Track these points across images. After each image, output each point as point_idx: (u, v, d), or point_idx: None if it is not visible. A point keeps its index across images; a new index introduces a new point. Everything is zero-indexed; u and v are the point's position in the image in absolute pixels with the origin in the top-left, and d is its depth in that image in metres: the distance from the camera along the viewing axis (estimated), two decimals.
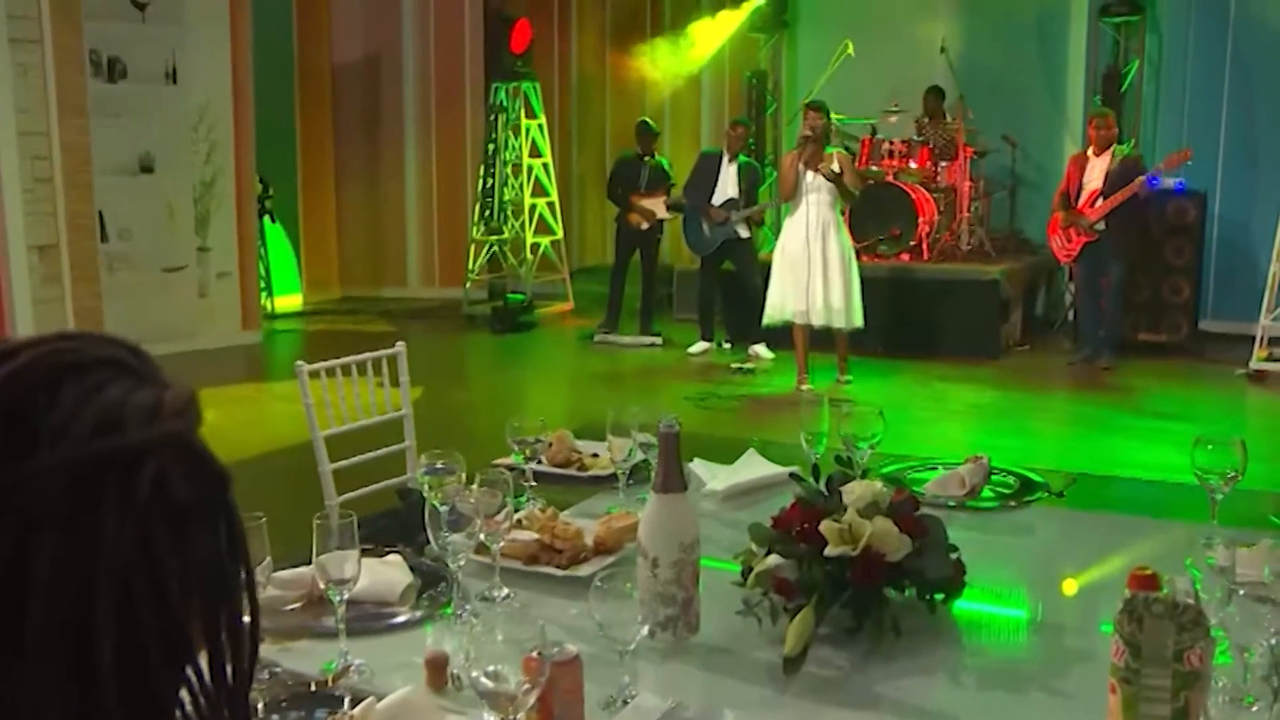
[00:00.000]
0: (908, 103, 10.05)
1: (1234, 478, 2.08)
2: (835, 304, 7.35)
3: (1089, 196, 8.11)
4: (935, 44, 9.97)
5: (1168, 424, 6.56)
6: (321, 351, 3.68)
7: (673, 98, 12.19)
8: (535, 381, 8.34)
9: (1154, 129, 10.05)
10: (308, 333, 10.47)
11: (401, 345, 3.42)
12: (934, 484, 2.49)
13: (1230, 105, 9.69)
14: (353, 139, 12.60)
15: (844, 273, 7.37)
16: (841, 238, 7.47)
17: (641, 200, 9.46)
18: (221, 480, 0.81)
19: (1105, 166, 8.06)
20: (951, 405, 7.32)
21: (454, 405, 7.29)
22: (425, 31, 12.52)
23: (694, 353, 9.06)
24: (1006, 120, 10.07)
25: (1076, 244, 8.21)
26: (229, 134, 9.61)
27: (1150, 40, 9.99)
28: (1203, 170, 9.46)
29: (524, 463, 2.43)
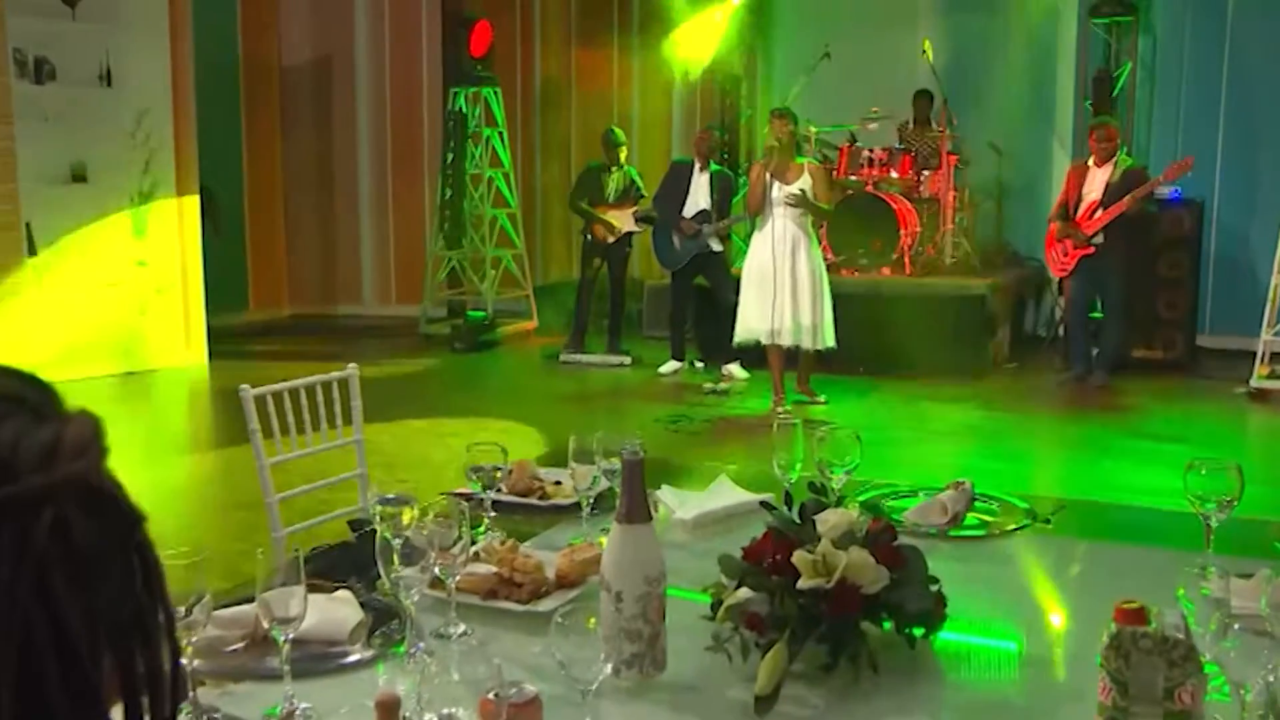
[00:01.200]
0: (888, 109, 10.13)
1: (1230, 503, 2.10)
2: (804, 321, 7.34)
3: (1088, 208, 8.20)
4: (917, 47, 10.04)
5: (1164, 445, 6.63)
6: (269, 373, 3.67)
7: (642, 104, 12.24)
8: (496, 404, 8.32)
9: (1148, 135, 10.13)
10: (254, 353, 10.42)
11: (354, 367, 3.42)
12: (914, 512, 2.51)
13: (1228, 110, 9.77)
14: (302, 146, 12.57)
15: (814, 290, 7.36)
16: (812, 253, 7.45)
17: (608, 212, 9.49)
18: (130, 520, 0.80)
19: (1106, 178, 8.15)
20: (935, 426, 7.37)
21: (410, 430, 7.27)
22: (379, 32, 12.53)
23: (664, 373, 9.08)
24: (992, 127, 10.16)
25: (1073, 257, 8.29)
26: (169, 140, 9.56)
27: (1143, 41, 10.08)
28: (1200, 178, 9.47)
29: (482, 491, 2.43)
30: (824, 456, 2.30)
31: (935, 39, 10.24)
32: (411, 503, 2.02)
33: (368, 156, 12.71)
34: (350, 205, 12.75)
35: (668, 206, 8.97)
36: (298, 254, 12.65)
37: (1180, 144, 9.80)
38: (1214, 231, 9.69)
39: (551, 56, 12.66)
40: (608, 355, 9.62)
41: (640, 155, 11.82)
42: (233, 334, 10.76)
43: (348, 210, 12.76)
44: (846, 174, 9.99)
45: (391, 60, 12.53)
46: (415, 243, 12.34)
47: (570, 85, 12.59)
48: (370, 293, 12.87)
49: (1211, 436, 6.94)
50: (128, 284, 9.39)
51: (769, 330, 7.37)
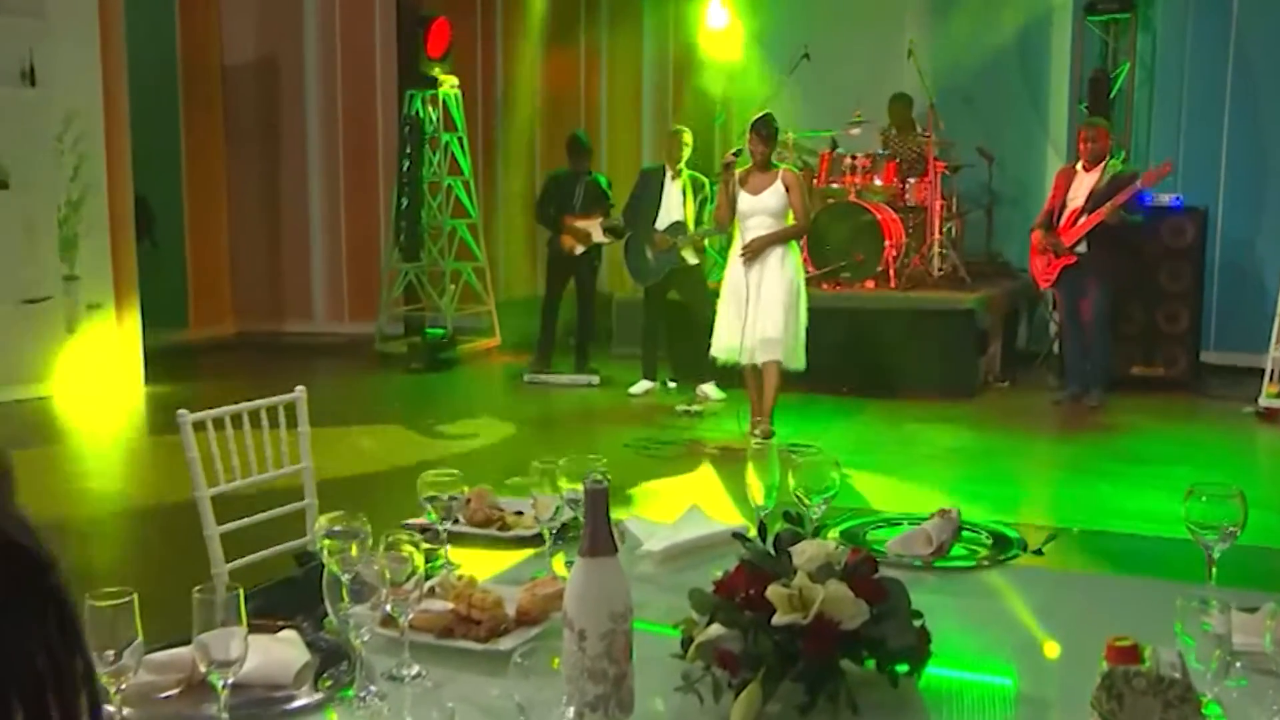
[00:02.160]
0: (872, 113, 10.19)
1: (1233, 532, 2.11)
2: (770, 332, 7.16)
3: (1070, 215, 8.25)
4: (902, 47, 10.12)
5: (1165, 469, 6.67)
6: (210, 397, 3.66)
7: (611, 107, 12.28)
8: (455, 428, 8.31)
9: (1147, 139, 10.19)
10: (195, 375, 10.36)
11: (301, 390, 3.41)
12: (897, 542, 2.52)
13: (1233, 111, 9.81)
14: (247, 152, 12.54)
15: (786, 307, 7.19)
16: (787, 268, 7.26)
17: (575, 222, 9.50)
18: (39, 565, 0.80)
19: (1093, 183, 8.18)
20: (922, 450, 7.41)
21: (362, 457, 7.25)
22: (329, 30, 12.52)
23: (635, 393, 9.09)
24: (982, 131, 10.24)
25: (1055, 267, 8.35)
26: (100, 145, 9.50)
27: (1142, 40, 10.16)
28: (1202, 184, 9.57)
29: (438, 522, 2.43)
30: (801, 483, 2.31)
31: (921, 38, 10.33)
32: (362, 535, 2.02)
33: (318, 163, 12.68)
34: (299, 215, 12.72)
35: (639, 217, 8.99)
36: (242, 267, 12.60)
37: (1182, 148, 9.84)
38: (1218, 240, 9.72)
39: (514, 57, 12.69)
40: (575, 375, 9.63)
41: (609, 161, 11.87)
42: (171, 354, 10.70)
43: (296, 221, 12.72)
44: (827, 181, 10.04)
45: (343, 60, 12.52)
46: (369, 255, 12.31)
47: (535, 87, 12.62)
48: (321, 309, 12.83)
49: (1216, 459, 6.97)
50: (55, 300, 9.32)
51: (739, 348, 7.30)
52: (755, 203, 7.26)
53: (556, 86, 12.49)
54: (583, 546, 1.77)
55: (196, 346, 11.59)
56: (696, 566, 2.40)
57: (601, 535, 1.76)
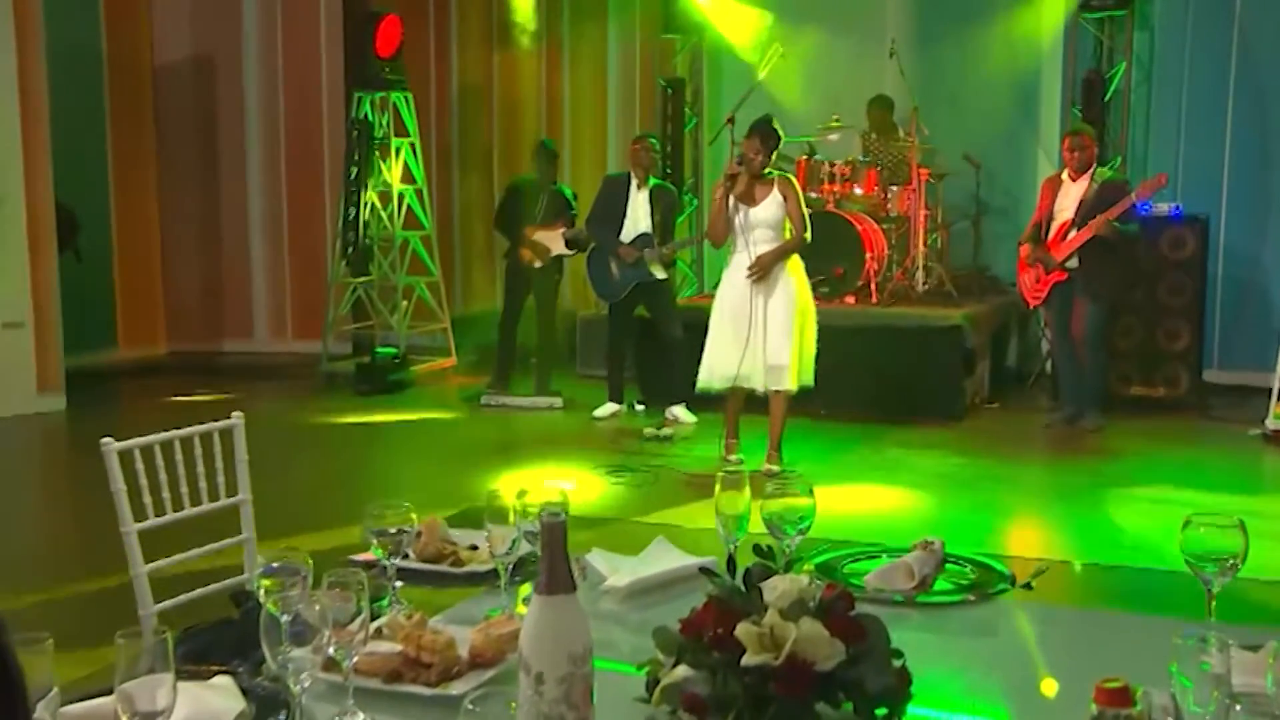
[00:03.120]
0: (851, 117, 10.24)
1: (1233, 565, 2.11)
2: (779, 362, 7.06)
3: (1060, 229, 8.31)
4: (883, 46, 10.18)
5: (1166, 496, 6.73)
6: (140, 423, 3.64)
7: (574, 112, 12.30)
8: (407, 455, 8.29)
9: (1145, 144, 10.24)
10: (124, 398, 10.30)
11: (239, 416, 3.40)
12: (876, 575, 2.53)
13: (1236, 114, 9.82)
14: (181, 158, 12.48)
15: (790, 328, 7.09)
16: (792, 287, 7.15)
17: (536, 234, 9.51)
18: None
19: (1081, 193, 8.24)
20: (906, 476, 7.43)
21: (306, 488, 7.21)
22: (270, 27, 12.50)
23: (601, 416, 9.10)
24: (969, 137, 10.29)
25: (1045, 284, 8.40)
26: (16, 150, 9.42)
27: (1139, 38, 10.20)
28: (1203, 192, 9.61)
29: (386, 558, 2.42)
30: (773, 513, 2.32)
31: (904, 36, 10.37)
32: (303, 572, 2.02)
33: (258, 170, 12.64)
34: (238, 226, 12.67)
35: (604, 229, 9.00)
36: (176, 282, 12.53)
37: (1181, 153, 9.89)
38: (1220, 252, 9.72)
39: (471, 57, 12.70)
40: (536, 397, 9.62)
41: (573, 169, 11.89)
42: (97, 376, 10.63)
43: (235, 231, 12.67)
44: (805, 190, 10.05)
45: (285, 59, 12.49)
46: (315, 269, 12.27)
47: (492, 90, 12.63)
48: (262, 327, 12.78)
49: (1220, 485, 6.98)
50: None
51: (735, 374, 7.12)
52: (756, 215, 7.12)
53: (516, 89, 12.50)
54: (539, 584, 1.78)
55: (125, 368, 11.51)
56: (663, 603, 2.41)
57: (559, 572, 1.76)
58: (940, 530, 2.75)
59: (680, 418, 8.69)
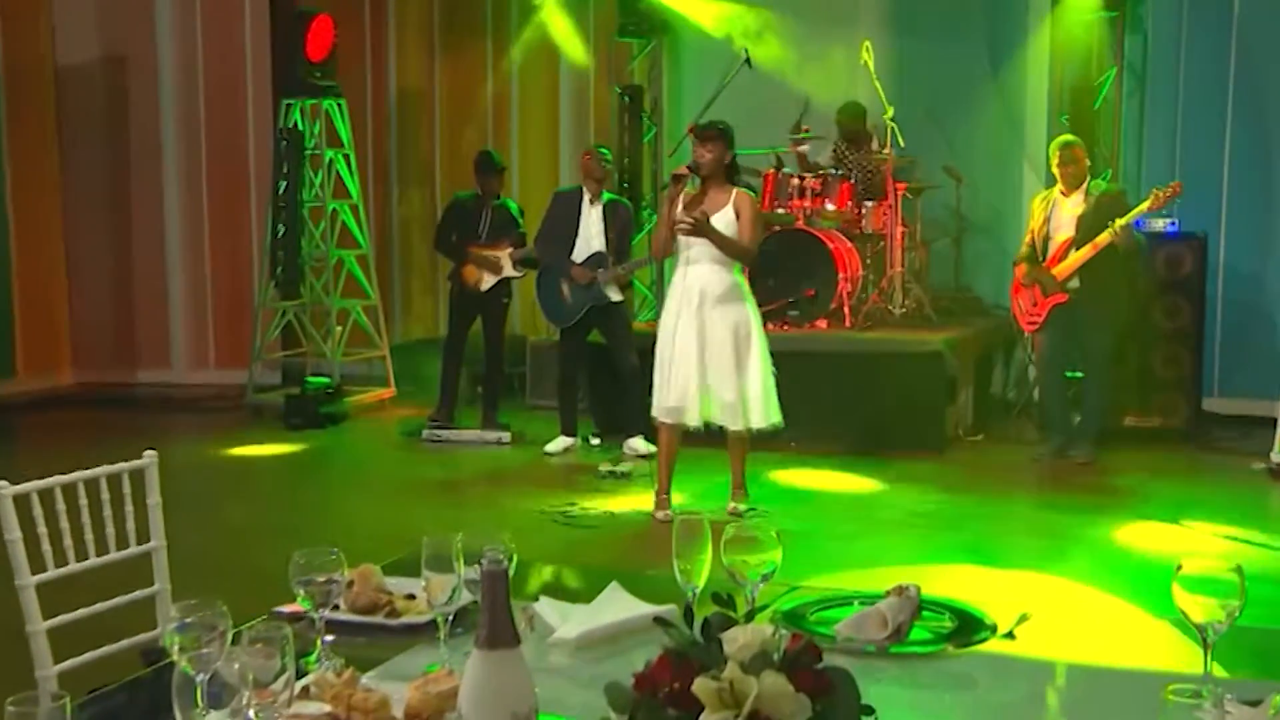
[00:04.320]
0: (822, 127, 10.32)
1: (1231, 612, 2.11)
2: (727, 396, 6.89)
3: (1059, 249, 8.35)
4: (855, 51, 10.23)
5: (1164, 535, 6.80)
6: (39, 463, 3.61)
7: (523, 122, 12.32)
8: (340, 495, 8.25)
9: (1138, 156, 10.32)
10: (22, 435, 10.20)
11: (152, 455, 3.38)
12: (847, 624, 2.54)
13: (1236, 123, 9.89)
14: (89, 170, 12.41)
15: (737, 355, 6.92)
16: (738, 306, 7.01)
17: (482, 253, 9.51)
18: None
19: (1078, 209, 8.30)
20: (882, 515, 7.45)
21: (226, 533, 7.16)
22: (189, 26, 12.45)
23: (552, 451, 9.10)
24: (949, 148, 10.39)
25: (1043, 307, 8.44)
26: None
27: (1131, 42, 10.28)
28: (1202, 207, 9.64)
29: (313, 609, 2.41)
30: (735, 557, 2.32)
31: (878, 40, 10.41)
32: (221, 626, 2.01)
33: (176, 184, 12.58)
34: (154, 244, 12.59)
35: (554, 248, 9.01)
36: (83, 306, 12.45)
37: (1178, 167, 9.94)
38: (1220, 272, 9.78)
39: (410, 61, 12.71)
40: (482, 431, 9.62)
41: (521, 183, 11.91)
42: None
43: (150, 250, 12.59)
44: (773, 206, 10.10)
45: (206, 63, 12.46)
46: (239, 292, 12.23)
47: (434, 97, 12.64)
48: (181, 355, 12.70)
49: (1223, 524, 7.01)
50: None
51: (674, 407, 6.95)
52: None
53: (460, 96, 12.52)
54: (479, 637, 1.78)
55: (24, 401, 11.39)
56: (617, 656, 2.41)
57: (500, 624, 1.77)
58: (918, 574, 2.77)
59: (639, 451, 8.70)
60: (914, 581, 2.65)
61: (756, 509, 7.10)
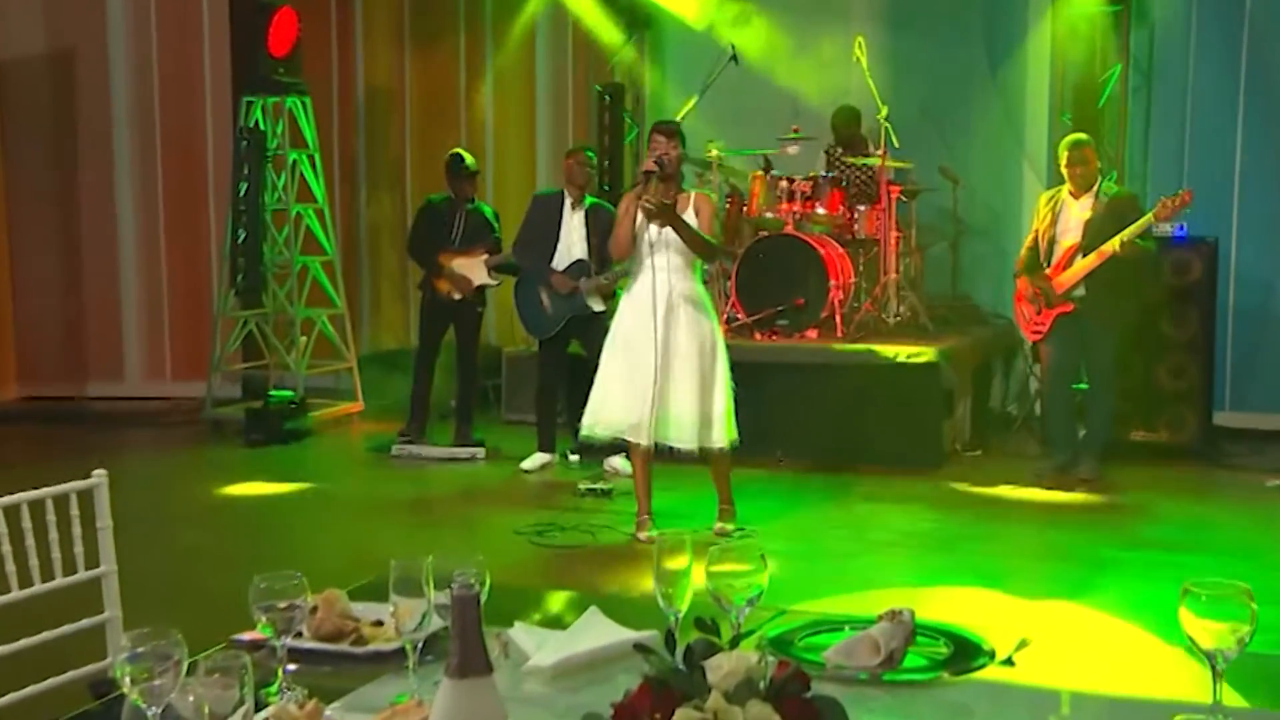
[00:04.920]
0: (812, 127, 10.33)
1: (1241, 638, 2.11)
2: (685, 415, 6.88)
3: (1064, 254, 8.31)
4: (848, 47, 10.26)
5: (1173, 556, 6.78)
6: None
7: (498, 121, 12.31)
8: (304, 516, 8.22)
9: (1144, 157, 10.34)
10: None
11: (102, 474, 3.36)
12: (837, 650, 2.54)
13: (1248, 122, 9.90)
14: (35, 171, 12.38)
15: (701, 370, 6.92)
16: (700, 318, 6.99)
17: (455, 260, 9.51)
18: None
19: (1086, 213, 8.27)
20: (874, 535, 7.45)
21: (181, 556, 7.13)
22: (143, 18, 12.43)
23: (529, 468, 9.10)
24: (945, 149, 10.43)
25: (1048, 316, 8.43)
26: None
27: (1137, 36, 10.30)
28: (1212, 210, 9.64)
29: (275, 637, 2.41)
30: (720, 581, 2.32)
31: (871, 36, 10.44)
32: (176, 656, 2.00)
33: (129, 185, 12.54)
34: (106, 251, 12.55)
35: (533, 255, 9.01)
36: (29, 315, 12.41)
37: (1186, 168, 9.99)
38: (1231, 279, 9.81)
39: (379, 57, 12.71)
40: (455, 447, 9.62)
41: (495, 187, 11.91)
42: None
43: (102, 256, 12.55)
44: (760, 210, 10.12)
45: (160, 56, 12.43)
46: (197, 300, 12.21)
47: (404, 96, 12.64)
48: (135, 367, 12.67)
49: (1234, 544, 7.04)
50: None
51: (634, 424, 6.94)
52: (666, 232, 6.89)
53: (431, 94, 12.51)
54: (450, 665, 1.78)
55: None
56: (596, 684, 2.40)
57: (471, 652, 1.77)
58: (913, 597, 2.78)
59: (620, 469, 8.68)
60: (908, 605, 2.65)
61: (744, 529, 7.12)
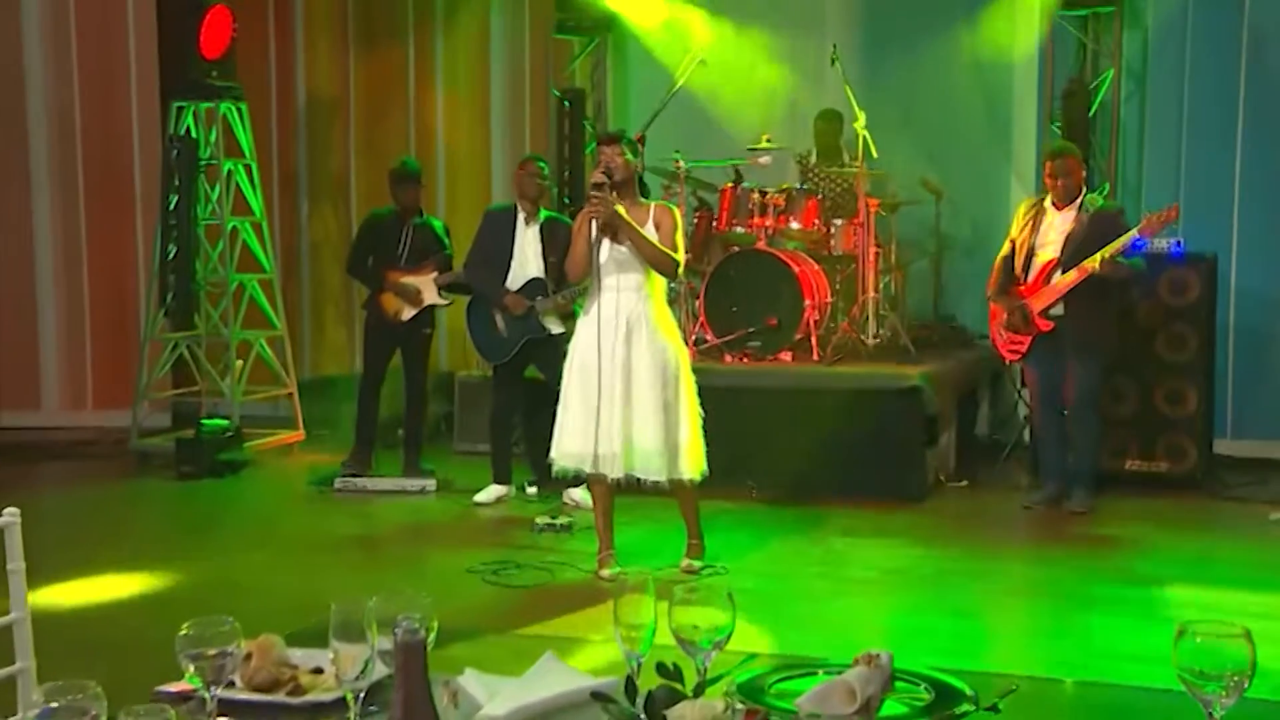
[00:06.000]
0: (784, 136, 10.38)
1: (1239, 683, 2.13)
2: (650, 444, 6.85)
3: (1042, 270, 8.38)
4: (823, 54, 10.27)
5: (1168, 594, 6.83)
6: None
7: (449, 130, 12.32)
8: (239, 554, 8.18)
9: (1138, 168, 10.41)
10: None
11: (13, 514, 3.35)
12: (810, 698, 2.54)
13: (1248, 131, 9.93)
14: None
15: (663, 396, 6.88)
16: (659, 340, 6.94)
17: (403, 278, 9.50)
18: None
19: (1068, 225, 8.33)
20: (852, 572, 7.45)
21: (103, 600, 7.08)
22: (62, 19, 12.35)
23: (483, 501, 9.09)
24: (927, 159, 10.50)
25: (1027, 336, 8.49)
26: None
27: (1130, 40, 10.38)
28: (1211, 224, 9.72)
29: (204, 688, 2.40)
30: (684, 623, 2.33)
31: (848, 42, 10.52)
32: (94, 710, 2.00)
33: (48, 198, 12.46)
34: (20, 267, 12.45)
35: (485, 274, 9.01)
36: None
37: (1183, 179, 10.03)
38: (1231, 297, 9.84)
39: (321, 59, 12.72)
40: (403, 478, 9.61)
41: (447, 200, 11.92)
42: None
43: (16, 274, 12.45)
44: (730, 224, 10.14)
45: (81, 58, 12.36)
46: (124, 322, 12.16)
47: (348, 101, 12.63)
48: (54, 394, 12.59)
49: (1235, 582, 7.01)
50: None
51: (588, 454, 6.88)
52: (620, 250, 6.88)
53: (378, 99, 12.51)
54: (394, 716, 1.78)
55: None
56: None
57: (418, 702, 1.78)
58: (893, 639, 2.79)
59: (581, 502, 8.67)
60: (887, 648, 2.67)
61: (713, 565, 7.12)
